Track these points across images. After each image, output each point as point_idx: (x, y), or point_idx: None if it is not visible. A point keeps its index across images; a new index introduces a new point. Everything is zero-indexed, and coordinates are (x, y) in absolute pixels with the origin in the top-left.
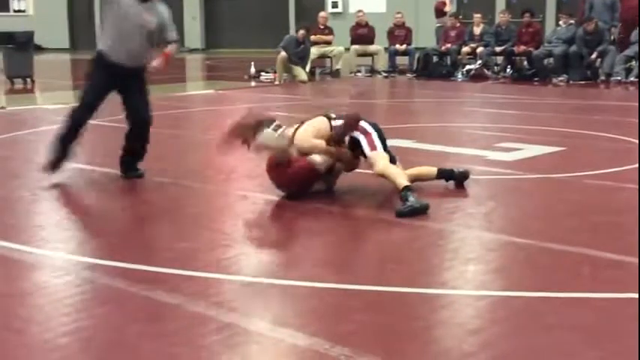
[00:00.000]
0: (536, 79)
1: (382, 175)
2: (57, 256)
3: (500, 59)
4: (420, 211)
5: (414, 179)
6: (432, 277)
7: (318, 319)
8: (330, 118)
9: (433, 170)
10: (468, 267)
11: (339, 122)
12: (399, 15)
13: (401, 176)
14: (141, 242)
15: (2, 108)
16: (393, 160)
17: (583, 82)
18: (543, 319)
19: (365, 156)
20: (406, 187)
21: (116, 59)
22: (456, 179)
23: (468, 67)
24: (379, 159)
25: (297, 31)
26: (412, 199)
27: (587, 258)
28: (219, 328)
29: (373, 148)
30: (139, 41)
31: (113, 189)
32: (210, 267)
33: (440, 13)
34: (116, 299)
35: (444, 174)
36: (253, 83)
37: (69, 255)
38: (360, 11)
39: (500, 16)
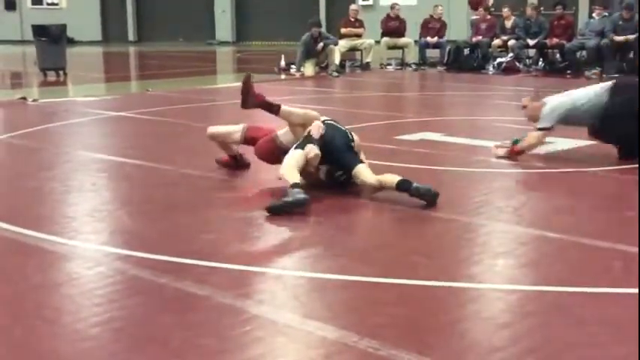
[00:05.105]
0: (568, 72)
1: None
2: (88, 247)
3: (532, 52)
4: (295, 206)
5: (382, 186)
6: (461, 271)
7: (347, 312)
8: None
9: (394, 181)
10: (497, 261)
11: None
12: (441, 8)
13: (293, 175)
14: (171, 234)
15: (34, 100)
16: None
17: (617, 75)
18: (574, 314)
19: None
20: (294, 184)
21: None
22: (414, 195)
23: (499, 59)
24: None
25: (309, 29)
26: (291, 197)
27: (619, 253)
28: (247, 320)
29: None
30: None
31: (143, 181)
32: (239, 259)
33: (475, 5)
34: (146, 290)
35: (403, 187)
36: (283, 76)
37: (100, 246)
38: (395, 4)
39: (528, 9)
